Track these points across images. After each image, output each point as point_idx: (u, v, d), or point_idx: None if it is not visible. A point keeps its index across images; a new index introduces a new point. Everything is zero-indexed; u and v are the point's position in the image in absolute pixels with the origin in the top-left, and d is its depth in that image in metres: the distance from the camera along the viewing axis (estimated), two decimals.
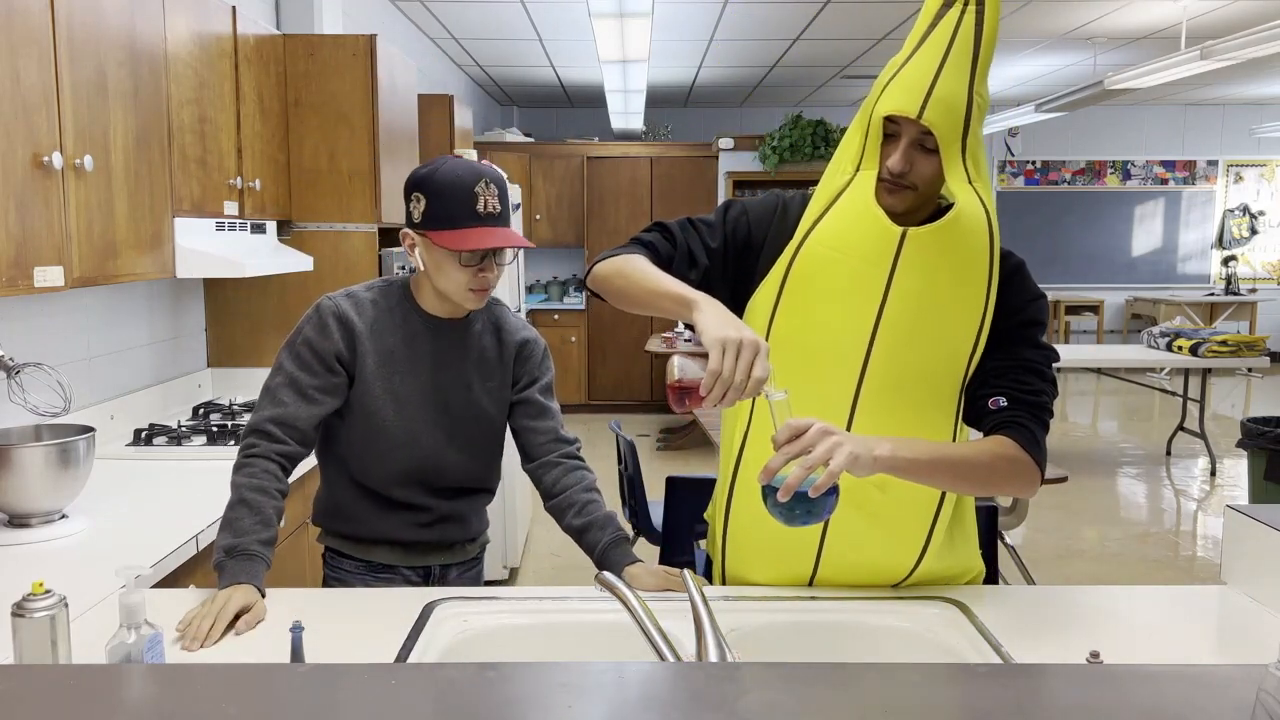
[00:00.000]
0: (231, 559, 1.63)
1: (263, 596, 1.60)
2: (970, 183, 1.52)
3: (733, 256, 1.65)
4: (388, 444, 1.86)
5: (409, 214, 1.84)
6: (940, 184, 1.54)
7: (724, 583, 1.72)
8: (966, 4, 1.48)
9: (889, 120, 1.51)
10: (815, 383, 1.54)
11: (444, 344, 1.89)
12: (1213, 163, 11.02)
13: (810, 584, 1.67)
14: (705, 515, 1.83)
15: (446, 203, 1.76)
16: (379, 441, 1.86)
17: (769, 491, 1.35)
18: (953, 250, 1.51)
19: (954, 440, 1.60)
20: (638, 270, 1.55)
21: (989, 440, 1.54)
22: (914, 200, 1.54)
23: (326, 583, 1.96)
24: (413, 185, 1.81)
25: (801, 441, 1.33)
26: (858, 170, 1.55)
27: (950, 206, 1.52)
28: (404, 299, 1.88)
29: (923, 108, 1.45)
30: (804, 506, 1.33)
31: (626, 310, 1.60)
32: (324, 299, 1.86)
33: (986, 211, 1.52)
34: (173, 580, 1.97)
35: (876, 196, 1.52)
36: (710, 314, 1.38)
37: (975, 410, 1.60)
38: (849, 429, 1.55)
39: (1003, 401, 1.56)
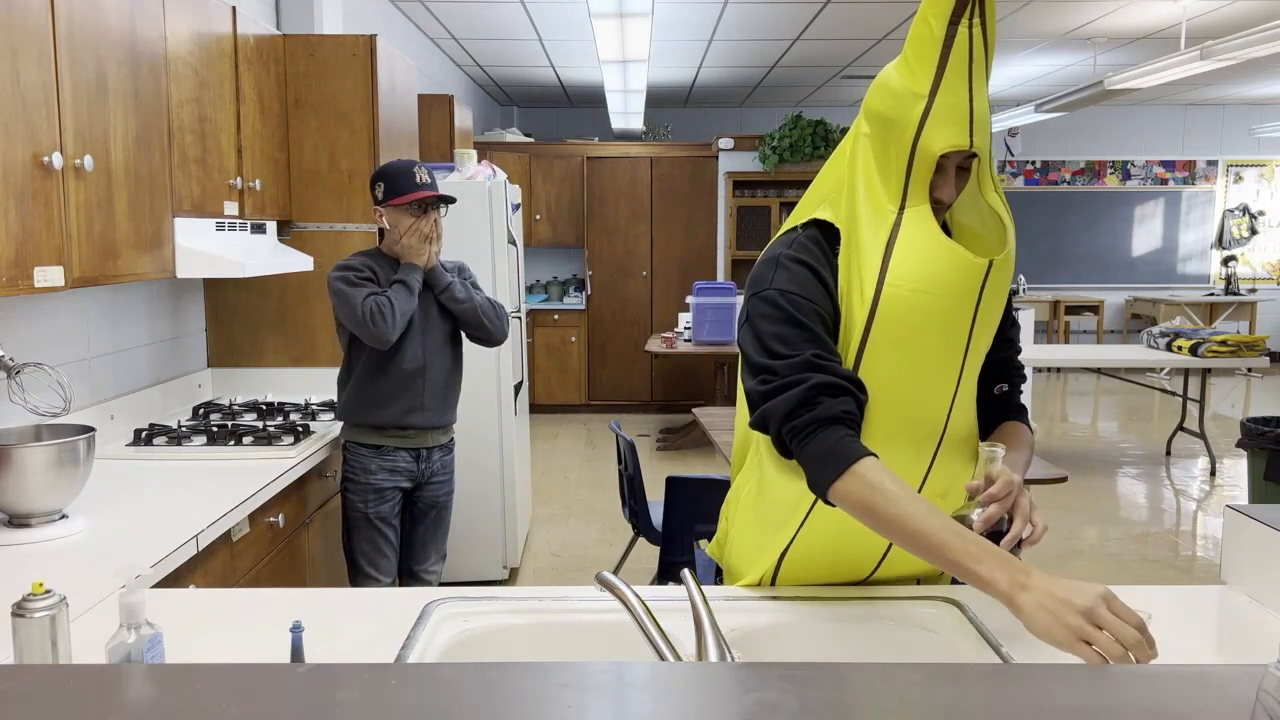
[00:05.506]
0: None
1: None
2: (994, 189, 1.58)
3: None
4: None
5: (375, 197, 2.93)
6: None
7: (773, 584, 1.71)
8: (972, 18, 1.46)
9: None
10: (909, 420, 1.56)
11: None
12: (1212, 163, 11.02)
13: (867, 581, 1.71)
14: (722, 514, 1.81)
15: (398, 181, 2.88)
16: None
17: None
18: (1010, 265, 1.55)
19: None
20: (905, 513, 1.39)
21: (1015, 427, 1.73)
22: (942, 218, 1.58)
23: (346, 470, 2.98)
24: (376, 178, 2.94)
25: (1013, 497, 1.49)
26: (902, 208, 1.51)
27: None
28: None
29: (971, 136, 1.47)
30: None
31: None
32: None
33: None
34: (173, 580, 1.98)
35: None
36: (1032, 605, 1.26)
37: (980, 397, 1.70)
38: (935, 457, 1.60)
39: (1004, 386, 1.73)
